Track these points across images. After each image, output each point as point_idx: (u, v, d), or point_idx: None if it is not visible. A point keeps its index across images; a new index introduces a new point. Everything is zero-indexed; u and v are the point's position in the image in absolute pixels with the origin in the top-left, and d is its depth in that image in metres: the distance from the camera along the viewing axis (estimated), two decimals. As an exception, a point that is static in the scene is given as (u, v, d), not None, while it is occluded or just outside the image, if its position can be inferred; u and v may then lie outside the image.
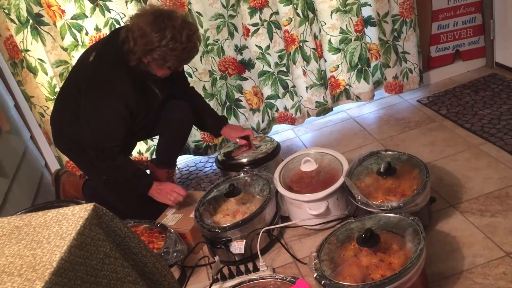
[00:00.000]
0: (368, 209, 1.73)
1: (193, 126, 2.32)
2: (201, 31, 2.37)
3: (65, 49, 2.27)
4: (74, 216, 0.91)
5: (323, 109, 2.66)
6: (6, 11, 2.16)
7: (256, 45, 2.47)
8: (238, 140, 2.25)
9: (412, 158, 1.90)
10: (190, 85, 2.34)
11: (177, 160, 2.34)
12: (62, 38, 2.25)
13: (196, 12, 2.34)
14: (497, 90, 2.57)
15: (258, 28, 2.43)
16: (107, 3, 2.24)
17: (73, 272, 0.83)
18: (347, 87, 2.69)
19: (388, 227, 1.61)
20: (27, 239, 0.89)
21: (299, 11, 2.41)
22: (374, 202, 1.73)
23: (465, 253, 1.67)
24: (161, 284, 1.08)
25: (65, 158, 2.42)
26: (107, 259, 0.92)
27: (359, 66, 2.61)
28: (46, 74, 2.32)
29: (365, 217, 1.69)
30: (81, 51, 2.27)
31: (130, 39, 1.81)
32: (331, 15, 2.50)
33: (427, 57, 2.77)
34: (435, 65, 2.81)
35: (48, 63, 2.30)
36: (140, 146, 2.52)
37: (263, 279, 1.56)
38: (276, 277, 1.55)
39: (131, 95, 1.90)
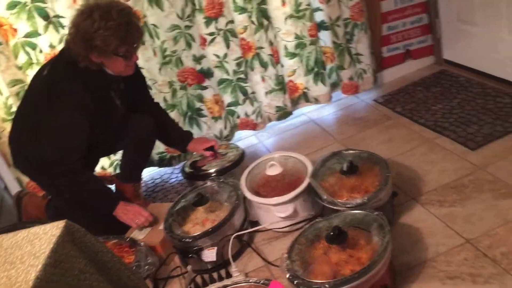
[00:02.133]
0: (334, 207, 1.78)
1: (158, 141, 2.32)
2: (158, 43, 2.38)
3: (20, 68, 2.22)
4: (46, 235, 0.91)
5: (283, 113, 2.71)
6: (-46, 32, 2.11)
7: (213, 54, 2.49)
8: (203, 151, 2.27)
9: (373, 155, 1.96)
10: (155, 101, 2.34)
11: (142, 173, 2.33)
12: (16, 57, 2.20)
13: (152, 24, 2.35)
14: (447, 86, 2.69)
15: (215, 37, 2.45)
16: (60, 19, 2.21)
17: (49, 291, 0.83)
18: (305, 90, 2.75)
19: (355, 223, 1.66)
20: (0, 260, 0.88)
21: (253, 19, 2.45)
22: (339, 200, 1.78)
23: (428, 242, 1.74)
24: (137, 296, 1.09)
25: (25, 179, 2.36)
26: (82, 275, 0.92)
27: (316, 69, 2.67)
28: (1, 94, 2.27)
29: (332, 215, 1.73)
30: (36, 69, 2.22)
31: (70, 41, 1.82)
32: (285, 21, 2.56)
33: (379, 57, 2.87)
34: (388, 64, 2.91)
35: (2, 83, 2.24)
36: (103, 161, 2.49)
37: (237, 284, 1.57)
38: (250, 280, 1.57)
39: (87, 104, 1.87)
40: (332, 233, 1.57)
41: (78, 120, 1.87)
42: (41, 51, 2.24)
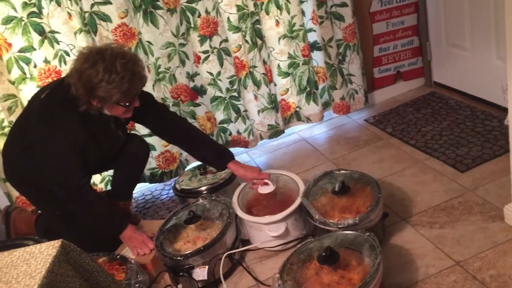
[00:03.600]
0: (326, 227, 1.79)
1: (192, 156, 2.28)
2: (152, 59, 2.39)
3: (13, 83, 2.22)
4: (42, 254, 0.90)
5: (275, 132, 2.73)
6: (-52, 45, 2.10)
7: (207, 72, 2.51)
8: (255, 181, 2.09)
9: (364, 176, 1.98)
10: (180, 116, 2.26)
11: (134, 191, 2.33)
12: (9, 72, 2.20)
13: (147, 41, 2.36)
14: (437, 108, 2.73)
15: (209, 55, 2.48)
16: (56, 35, 2.21)
17: (45, 311, 0.82)
18: (297, 109, 2.78)
19: (346, 244, 1.67)
20: (-5, 281, 0.87)
21: (247, 38, 2.48)
22: (331, 220, 1.79)
23: (418, 264, 1.76)
24: (131, 316, 1.08)
25: (15, 194, 2.34)
26: (77, 295, 0.91)
27: (308, 88, 2.70)
28: (-6, 108, 2.26)
29: (323, 235, 1.74)
30: (29, 84, 2.23)
31: (72, 85, 1.78)
32: (278, 41, 2.59)
33: (371, 78, 2.91)
34: (379, 85, 2.96)
35: (-5, 97, 2.24)
36: (94, 177, 2.48)
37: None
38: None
39: (80, 137, 1.84)
40: (324, 254, 1.57)
41: (69, 148, 1.84)
42: (35, 66, 2.23)
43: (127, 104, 1.83)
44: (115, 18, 2.25)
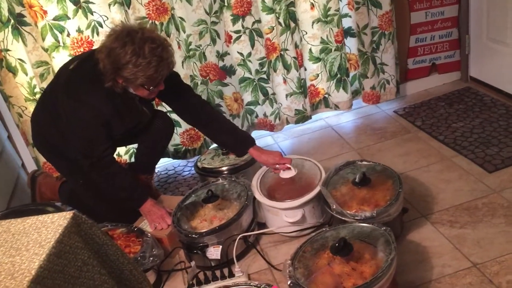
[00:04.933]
0: (343, 218, 1.77)
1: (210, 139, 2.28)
2: (183, 36, 2.39)
3: (46, 50, 2.26)
4: (53, 224, 0.92)
5: (302, 117, 2.70)
6: (-14, 10, 2.15)
7: (238, 52, 2.50)
8: (277, 166, 2.06)
9: (387, 169, 1.95)
10: (204, 100, 2.23)
11: (156, 166, 2.36)
12: (43, 39, 2.23)
13: (179, 17, 2.36)
14: (470, 104, 2.65)
15: (240, 35, 2.46)
16: (90, 5, 2.23)
17: (51, 280, 0.84)
18: (326, 95, 2.74)
19: (361, 236, 1.65)
20: (6, 246, 0.90)
21: (281, 20, 2.45)
22: (348, 211, 1.78)
23: (434, 263, 1.73)
24: (138, 291, 1.10)
25: (42, 159, 2.40)
26: (85, 266, 0.93)
27: (338, 75, 2.65)
28: (26, 74, 2.31)
29: (339, 226, 1.73)
30: (62, 52, 2.27)
31: (100, 61, 1.79)
32: (312, 25, 2.54)
33: (404, 69, 2.84)
34: (412, 77, 2.88)
35: (28, 64, 2.28)
36: (119, 149, 2.52)
37: (238, 285, 1.58)
38: (251, 284, 1.58)
39: (105, 111, 1.87)
40: (337, 244, 1.56)
41: (93, 119, 1.87)
42: (68, 35, 2.26)
43: (151, 87, 1.84)
44: (149, -8, 2.25)
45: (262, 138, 2.81)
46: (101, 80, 1.82)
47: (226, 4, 2.38)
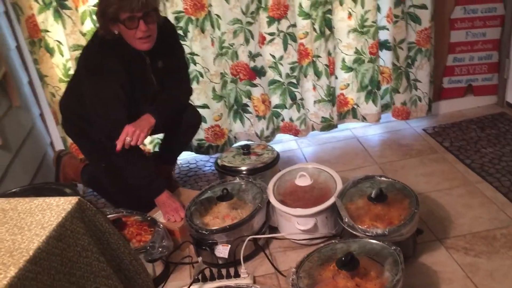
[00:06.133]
0: (354, 232, 1.75)
1: None
2: (218, 33, 2.41)
3: (84, 34, 2.31)
4: (58, 207, 0.95)
5: (328, 125, 2.68)
6: (31, -10, 2.22)
7: (270, 54, 2.50)
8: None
9: (406, 188, 1.91)
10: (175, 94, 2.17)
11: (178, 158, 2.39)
12: (82, 23, 2.29)
13: (216, 14, 2.38)
14: (503, 130, 2.57)
15: (274, 38, 2.46)
16: (130, -5, 2.27)
17: (48, 262, 0.87)
18: (355, 106, 2.71)
19: (370, 253, 1.63)
20: (11, 223, 0.93)
21: (316, 26, 2.43)
22: (360, 226, 1.75)
23: (442, 289, 1.69)
24: (136, 281, 1.12)
25: (69, 140, 2.46)
26: (84, 252, 0.96)
27: (369, 87, 2.62)
28: (62, 56, 2.37)
29: (350, 240, 1.71)
30: (98, 38, 2.32)
31: (98, 24, 1.91)
32: (348, 34, 2.52)
33: (439, 87, 2.78)
34: (446, 96, 2.82)
35: (65, 46, 2.35)
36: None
37: (239, 287, 1.59)
38: (252, 287, 1.58)
39: (121, 72, 1.92)
40: (344, 258, 1.55)
41: (115, 89, 1.92)
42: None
43: (129, 22, 1.83)
44: (188, -12, 2.28)
45: (286, 142, 2.81)
46: (112, 46, 1.89)
47: (263, 5, 2.39)
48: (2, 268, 0.82)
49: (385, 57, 2.61)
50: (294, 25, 2.44)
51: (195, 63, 2.45)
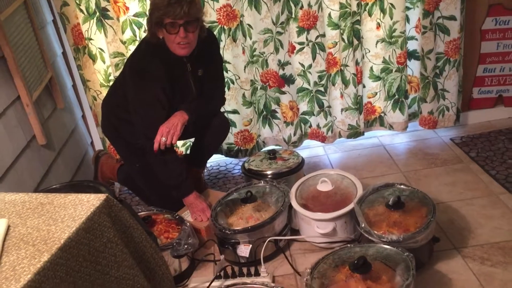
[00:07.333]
0: (369, 237, 1.82)
1: None
2: (249, 42, 2.52)
3: (124, 43, 2.47)
4: (88, 203, 1.08)
5: (354, 133, 2.74)
6: (77, 1, 2.39)
7: (299, 62, 2.59)
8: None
9: (425, 196, 1.96)
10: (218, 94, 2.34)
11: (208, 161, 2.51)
12: (123, 32, 2.45)
13: (247, 24, 2.49)
14: (532, 142, 2.56)
15: (303, 47, 2.55)
16: (167, 6, 2.42)
17: (77, 250, 0.99)
18: (382, 114, 2.76)
19: (383, 258, 1.69)
20: (47, 215, 1.07)
21: (344, 36, 2.50)
22: (376, 232, 1.82)
23: (455, 297, 1.73)
24: (156, 272, 1.24)
25: (108, 141, 2.63)
26: (109, 243, 1.08)
27: (396, 96, 2.67)
28: (104, 62, 2.54)
29: (366, 244, 1.78)
30: (137, 46, 2.48)
31: (147, 28, 2.05)
32: (376, 44, 2.58)
33: (468, 97, 2.79)
34: (476, 106, 2.82)
35: (107, 53, 2.51)
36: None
37: (254, 284, 1.68)
38: (267, 285, 1.67)
39: (163, 75, 2.04)
40: (356, 262, 1.62)
41: (156, 91, 2.05)
42: (145, 31, 2.46)
43: (170, 28, 1.95)
44: (222, -1, 2.40)
45: (314, 148, 2.89)
46: (156, 50, 2.03)
47: (293, 16, 2.48)
48: (37, 254, 0.95)
49: (413, 66, 2.65)
50: (323, 35, 2.52)
51: (226, 71, 2.57)
